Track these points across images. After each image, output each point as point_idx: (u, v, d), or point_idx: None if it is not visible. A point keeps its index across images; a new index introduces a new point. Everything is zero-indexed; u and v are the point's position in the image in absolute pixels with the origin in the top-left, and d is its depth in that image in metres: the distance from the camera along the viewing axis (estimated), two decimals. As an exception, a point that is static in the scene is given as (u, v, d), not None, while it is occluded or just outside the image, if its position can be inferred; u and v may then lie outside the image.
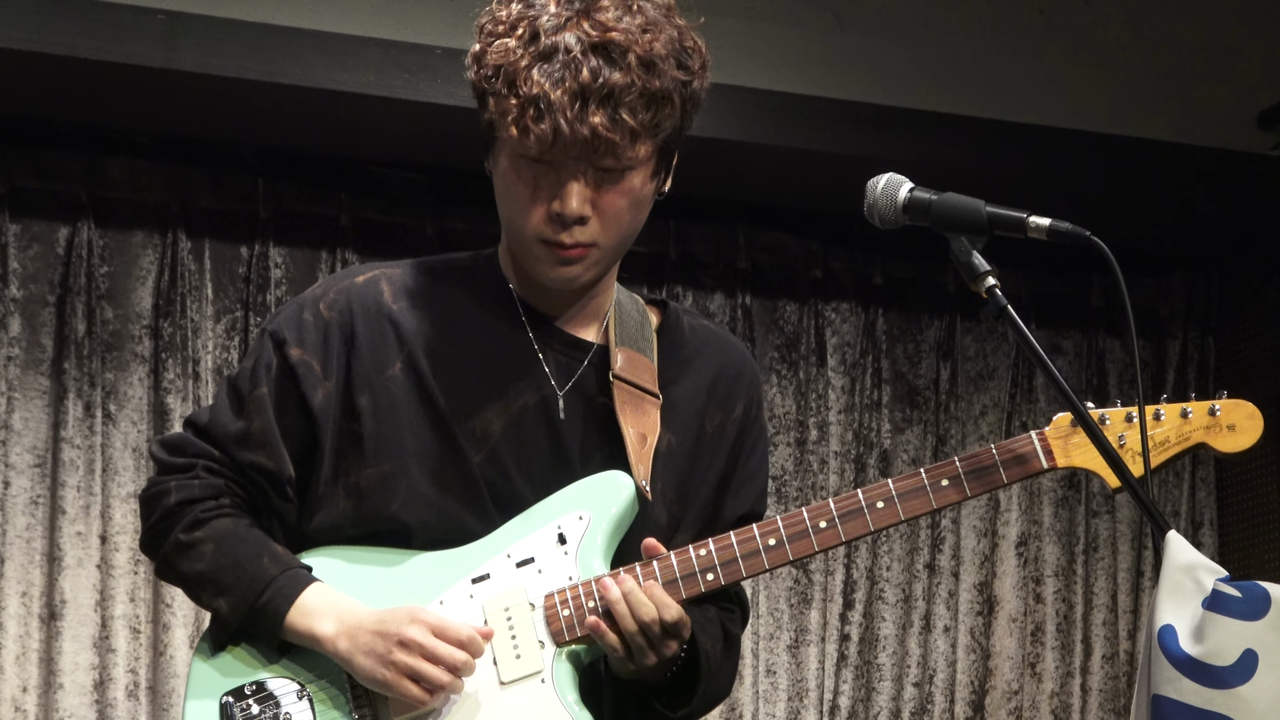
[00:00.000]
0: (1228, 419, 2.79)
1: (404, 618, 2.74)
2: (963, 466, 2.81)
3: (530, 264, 2.82)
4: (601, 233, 2.78)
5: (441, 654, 2.72)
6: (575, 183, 2.74)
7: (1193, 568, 2.57)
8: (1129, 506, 6.46)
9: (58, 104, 5.50)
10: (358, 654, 2.75)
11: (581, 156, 2.72)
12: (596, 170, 2.74)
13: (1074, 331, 6.60)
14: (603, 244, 2.80)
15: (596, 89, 2.69)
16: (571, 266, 2.80)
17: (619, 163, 2.74)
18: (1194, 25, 6.06)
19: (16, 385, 5.64)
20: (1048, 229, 2.66)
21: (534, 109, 2.69)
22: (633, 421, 2.85)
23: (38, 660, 5.58)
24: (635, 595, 2.73)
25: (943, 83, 5.83)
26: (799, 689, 6.17)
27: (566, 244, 2.77)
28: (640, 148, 2.75)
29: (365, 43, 5.37)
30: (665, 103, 2.74)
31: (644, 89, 2.71)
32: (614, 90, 2.70)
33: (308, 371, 2.84)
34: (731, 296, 6.26)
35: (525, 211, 2.77)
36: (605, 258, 2.83)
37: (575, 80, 2.69)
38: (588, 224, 2.77)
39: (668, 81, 2.74)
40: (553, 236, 2.77)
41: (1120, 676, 6.44)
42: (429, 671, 2.72)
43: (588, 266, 2.81)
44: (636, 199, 2.80)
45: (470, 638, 2.74)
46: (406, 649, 2.72)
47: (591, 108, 2.69)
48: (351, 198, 5.92)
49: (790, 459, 6.24)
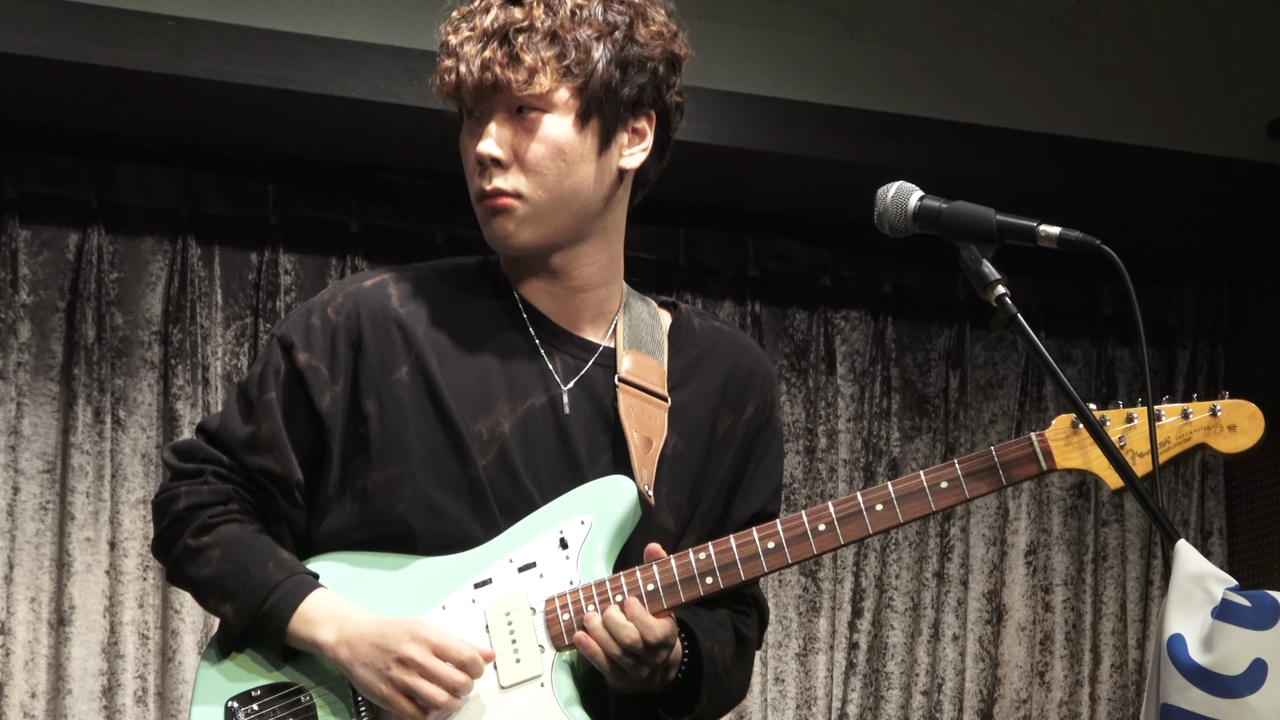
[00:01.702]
0: (1229, 419, 2.77)
1: (404, 634, 2.74)
2: (962, 469, 2.80)
3: (482, 229, 2.86)
4: (524, 181, 2.80)
5: (440, 674, 2.73)
6: (490, 124, 2.82)
7: (1202, 577, 2.57)
8: (1138, 515, 6.46)
9: (68, 110, 5.50)
10: (356, 664, 2.76)
11: (490, 97, 2.80)
12: (512, 115, 2.81)
13: (1084, 340, 6.60)
14: (529, 196, 2.80)
15: (495, 30, 2.80)
16: (500, 219, 2.81)
17: (527, 101, 2.79)
18: (1204, 35, 6.06)
19: (26, 391, 5.65)
20: (1058, 238, 2.66)
21: (447, 58, 2.82)
22: (638, 425, 2.85)
23: (46, 666, 5.58)
24: (614, 620, 2.73)
25: (953, 91, 5.83)
26: (807, 697, 6.17)
27: (487, 190, 2.80)
28: (548, 85, 2.79)
29: (375, 49, 5.37)
30: (575, 47, 2.80)
31: (544, 26, 2.79)
32: (509, 27, 2.80)
33: (315, 376, 2.85)
34: (741, 304, 6.26)
35: (469, 174, 2.86)
36: (538, 214, 2.82)
37: (480, 25, 2.81)
38: (508, 171, 2.80)
39: (577, 24, 2.81)
40: (478, 188, 2.82)
41: (1129, 685, 6.43)
42: (426, 690, 2.72)
43: (519, 222, 2.81)
44: (558, 147, 2.81)
45: (471, 659, 2.74)
46: (404, 666, 2.73)
47: (492, 45, 2.79)
48: (362, 204, 5.92)
49: (799, 467, 6.24)
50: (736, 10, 5.64)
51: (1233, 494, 6.59)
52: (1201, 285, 6.63)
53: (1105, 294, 6.56)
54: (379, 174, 5.93)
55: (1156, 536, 4.63)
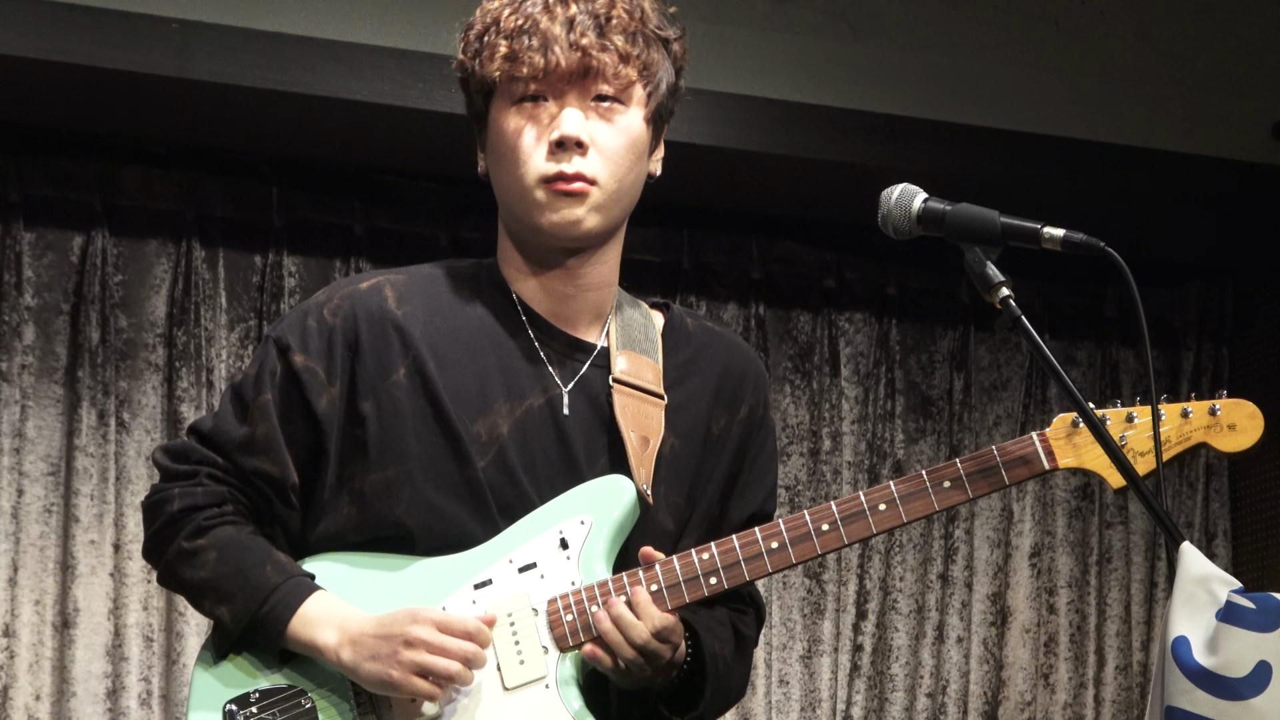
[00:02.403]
0: (1228, 419, 2.78)
1: (405, 618, 2.74)
2: (964, 468, 2.80)
3: (532, 217, 2.83)
4: (601, 168, 2.81)
5: (450, 647, 2.72)
6: (572, 108, 2.80)
7: (1207, 579, 2.57)
8: (1142, 517, 6.46)
9: (72, 113, 5.50)
10: (363, 661, 2.75)
11: (576, 83, 2.80)
12: (592, 102, 2.80)
13: (1088, 342, 6.60)
14: (603, 183, 2.81)
15: (583, 15, 2.80)
16: (573, 205, 2.81)
17: (613, 91, 2.80)
18: (1208, 37, 6.05)
19: (30, 394, 5.65)
20: (1062, 240, 2.66)
21: (526, 39, 2.79)
22: (634, 425, 2.85)
23: (51, 668, 5.58)
24: (625, 619, 2.73)
25: (957, 93, 5.83)
26: (812, 699, 6.16)
27: (568, 173, 2.79)
28: (632, 76, 2.82)
29: (379, 52, 5.37)
30: (651, 45, 2.83)
31: (629, 22, 2.81)
32: (600, 16, 2.80)
33: (312, 378, 2.84)
34: (745, 306, 6.25)
35: (526, 157, 2.81)
36: (606, 203, 2.83)
37: (563, 8, 2.80)
38: (587, 155, 2.80)
39: (651, 27, 2.84)
40: (554, 169, 2.79)
41: (1133, 688, 6.43)
42: (437, 665, 2.72)
43: (589, 209, 2.81)
44: (633, 141, 2.83)
45: (477, 628, 2.74)
46: (412, 647, 2.72)
47: (579, 30, 2.79)
48: (365, 207, 5.93)
49: (803, 469, 6.24)
50: (740, 12, 5.63)
51: (1237, 496, 6.59)
52: (1205, 287, 6.63)
53: (1109, 296, 6.56)
54: (383, 176, 5.93)
55: (1161, 539, 4.63)
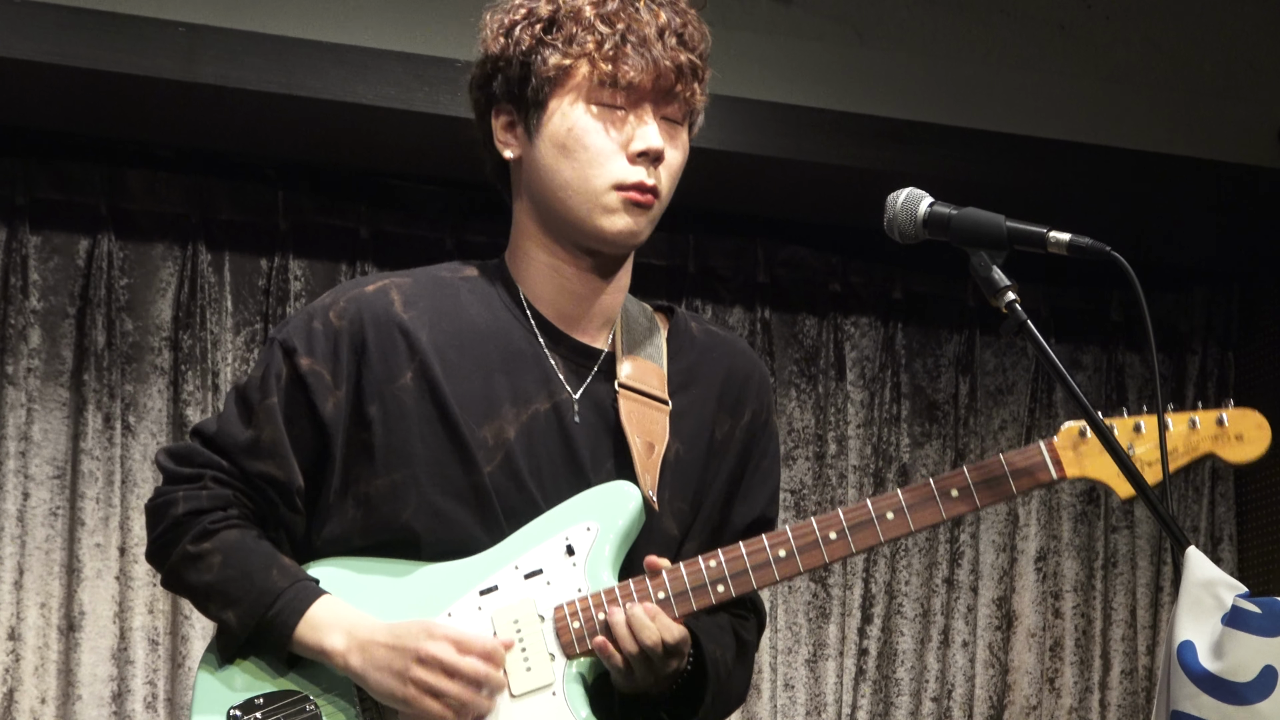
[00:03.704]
0: (1235, 429, 2.77)
1: (420, 632, 2.72)
2: (972, 477, 2.80)
3: (594, 219, 2.81)
4: (665, 184, 2.83)
5: (464, 669, 2.70)
6: (651, 115, 2.81)
7: (1212, 583, 2.57)
8: (1148, 522, 6.45)
9: (78, 116, 5.51)
10: (372, 670, 2.73)
11: (658, 97, 2.80)
12: (664, 119, 2.81)
13: (1093, 346, 6.60)
14: (662, 198, 2.84)
15: (676, 27, 2.80)
16: (639, 215, 2.82)
17: (685, 108, 2.82)
18: (1214, 41, 6.05)
19: (36, 397, 5.65)
20: (1068, 244, 2.65)
21: (627, 38, 2.77)
22: (639, 430, 2.84)
23: (56, 672, 5.58)
24: (638, 619, 2.72)
25: (962, 97, 5.82)
26: (817, 703, 6.16)
27: (648, 184, 2.80)
28: (699, 103, 2.85)
29: (385, 56, 5.37)
30: (707, 68, 2.86)
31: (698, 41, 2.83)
32: (686, 32, 2.82)
33: (318, 381, 2.83)
34: (750, 310, 6.25)
35: (602, 160, 2.80)
36: (656, 218, 2.85)
37: (655, 16, 2.79)
38: (658, 170, 2.82)
39: (703, 48, 2.86)
40: (634, 179, 2.79)
41: (1139, 692, 6.42)
42: (451, 689, 2.70)
43: (649, 221, 2.83)
44: (684, 160, 2.87)
45: (493, 649, 2.73)
46: (426, 665, 2.70)
47: (672, 43, 2.79)
48: (371, 210, 5.93)
49: (809, 473, 6.23)
50: (747, 17, 5.64)
51: (1243, 500, 6.58)
52: (1211, 291, 6.62)
53: (1115, 300, 6.56)
54: (388, 180, 5.93)
55: (1167, 543, 4.63)
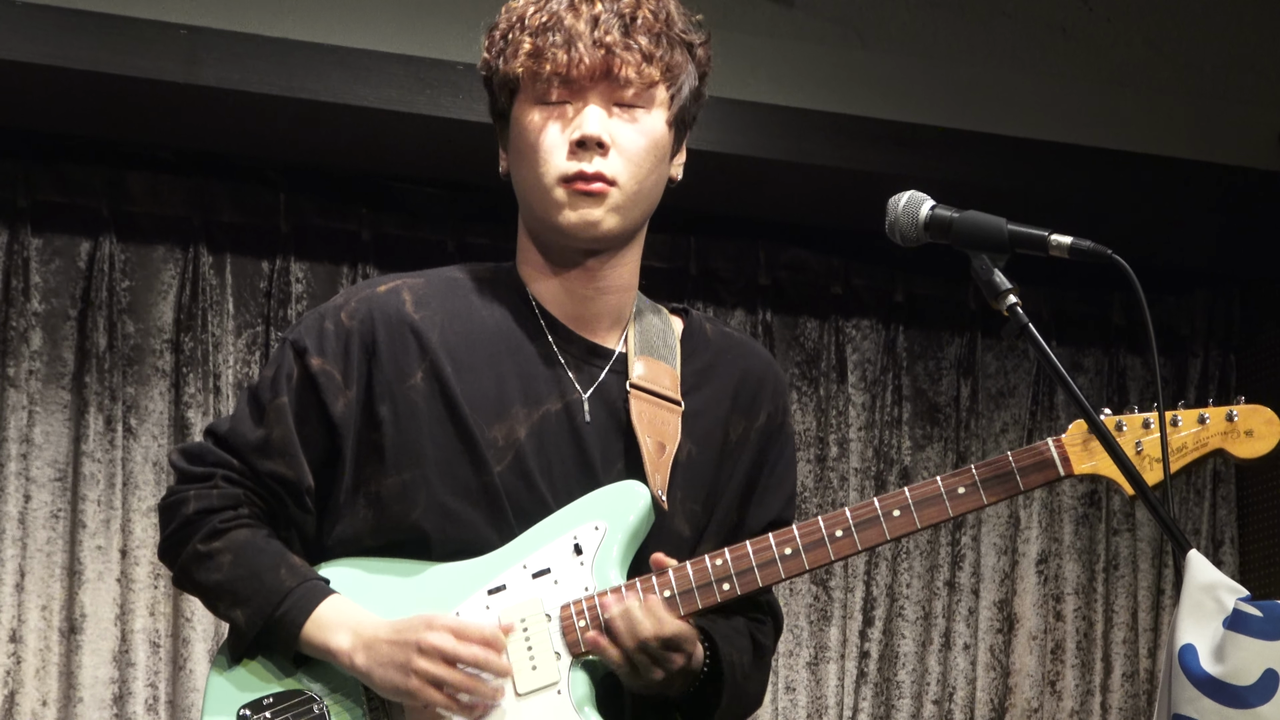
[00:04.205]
0: (1245, 424, 2.77)
1: (420, 624, 2.73)
2: (979, 474, 2.79)
3: (552, 216, 2.82)
4: (622, 169, 2.81)
5: (463, 655, 2.71)
6: (594, 107, 2.80)
7: (1214, 587, 2.57)
8: (1150, 525, 6.45)
9: (79, 118, 5.51)
10: (377, 667, 2.74)
11: (599, 83, 2.79)
12: (614, 105, 2.80)
13: (1095, 349, 6.59)
14: (623, 184, 2.81)
15: (608, 15, 2.80)
16: (592, 205, 2.80)
17: (636, 91, 2.80)
18: (1215, 43, 6.05)
19: (37, 399, 5.65)
20: (1069, 247, 2.66)
21: (550, 35, 2.79)
22: (650, 430, 2.84)
23: (57, 674, 5.58)
24: (633, 613, 2.72)
25: (965, 100, 5.82)
26: (818, 706, 6.16)
27: (588, 173, 2.79)
28: (655, 77, 2.82)
29: (387, 58, 5.37)
30: (675, 47, 2.83)
31: (653, 23, 2.81)
32: (625, 15, 2.80)
33: (329, 381, 2.84)
34: (752, 313, 6.25)
35: (547, 156, 2.81)
36: (626, 204, 2.82)
37: (589, 6, 2.80)
38: (608, 155, 2.80)
39: (676, 30, 2.84)
40: (574, 168, 2.79)
41: (1140, 695, 6.42)
42: (452, 676, 2.71)
43: (608, 209, 2.81)
44: (654, 143, 2.83)
45: (493, 635, 2.74)
46: (426, 655, 2.71)
47: (604, 28, 2.79)
48: (373, 213, 5.93)
49: (810, 475, 6.23)
50: (748, 19, 5.64)
51: (1244, 503, 6.58)
52: (1213, 294, 6.62)
53: (1117, 303, 6.55)
54: (390, 183, 5.93)
55: (1168, 546, 4.62)
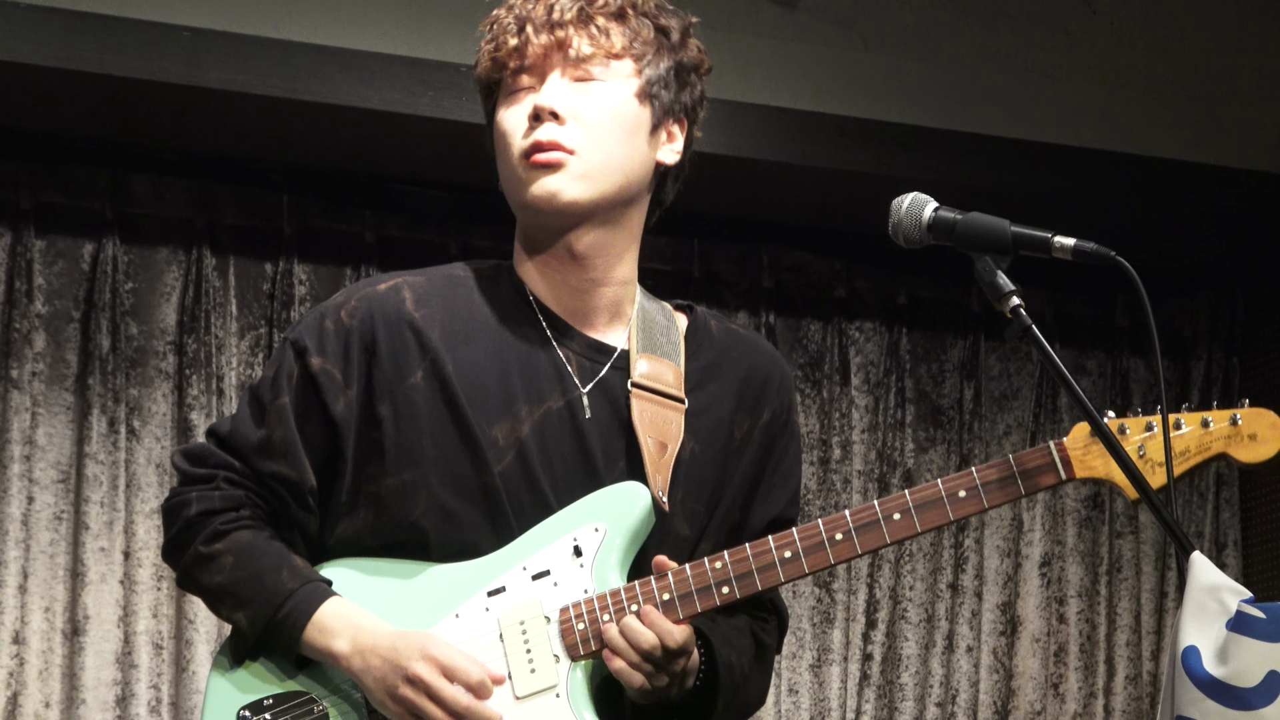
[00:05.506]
0: (1249, 428, 2.75)
1: (415, 650, 2.73)
2: (980, 477, 2.78)
3: (519, 195, 2.84)
4: (581, 138, 2.80)
5: (446, 697, 2.71)
6: (551, 80, 2.82)
7: (1217, 589, 2.56)
8: (1152, 527, 6.45)
9: (83, 120, 5.51)
10: (367, 679, 2.75)
11: (556, 63, 2.82)
12: (575, 81, 2.82)
13: (1098, 351, 6.60)
14: (582, 151, 2.80)
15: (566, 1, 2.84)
16: (547, 174, 2.80)
17: (595, 63, 2.82)
18: (1218, 45, 6.05)
19: (41, 401, 5.65)
20: (1073, 249, 2.65)
21: (510, 25, 2.83)
22: (652, 430, 2.83)
23: (60, 675, 5.58)
24: (632, 628, 2.72)
25: (967, 102, 5.83)
26: (821, 708, 6.16)
27: (542, 142, 2.79)
28: (612, 47, 2.83)
29: (390, 60, 5.37)
30: (643, 25, 2.85)
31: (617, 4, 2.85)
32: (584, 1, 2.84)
33: (329, 380, 2.84)
34: (755, 315, 6.25)
35: (511, 140, 2.83)
36: (588, 173, 2.81)
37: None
38: (565, 124, 2.80)
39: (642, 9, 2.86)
40: (530, 142, 2.80)
41: (1143, 697, 6.42)
42: (432, 713, 2.71)
43: (570, 178, 2.81)
44: (615, 112, 2.83)
45: (480, 681, 2.73)
46: (413, 686, 2.71)
47: (559, 12, 2.82)
48: (376, 215, 5.93)
49: (813, 478, 6.23)
50: (751, 21, 5.64)
51: (1248, 506, 6.58)
52: (1216, 296, 6.62)
53: (1120, 305, 6.56)
54: (393, 184, 5.93)
55: (1171, 548, 4.62)
